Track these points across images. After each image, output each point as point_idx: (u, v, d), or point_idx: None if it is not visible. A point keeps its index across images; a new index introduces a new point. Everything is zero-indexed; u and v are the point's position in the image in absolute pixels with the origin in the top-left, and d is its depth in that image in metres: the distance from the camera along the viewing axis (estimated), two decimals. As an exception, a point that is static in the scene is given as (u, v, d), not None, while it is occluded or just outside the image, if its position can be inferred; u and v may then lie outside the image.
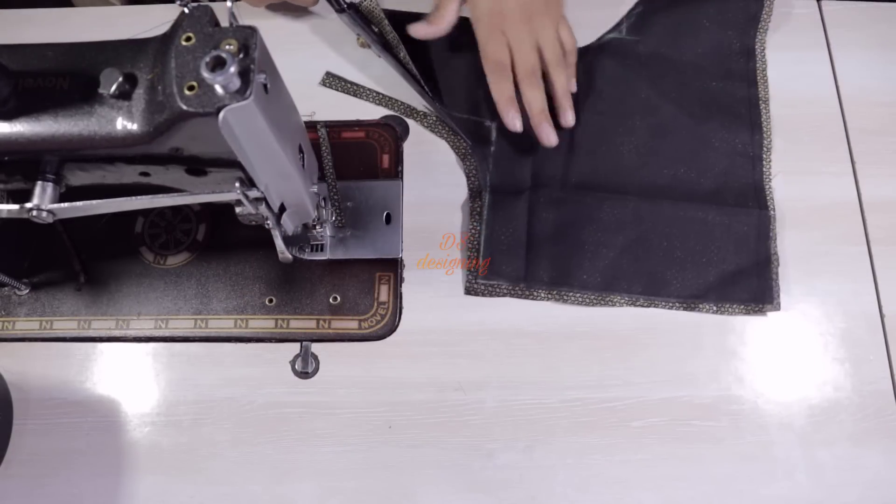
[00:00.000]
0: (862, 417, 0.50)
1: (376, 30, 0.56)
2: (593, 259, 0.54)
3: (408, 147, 0.58)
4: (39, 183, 0.38)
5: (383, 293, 0.53)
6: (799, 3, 0.63)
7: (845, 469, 0.49)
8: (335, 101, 0.60)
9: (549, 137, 0.54)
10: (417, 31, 0.55)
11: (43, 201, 0.38)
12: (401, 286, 0.54)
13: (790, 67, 0.61)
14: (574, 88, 0.57)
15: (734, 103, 0.59)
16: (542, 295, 0.53)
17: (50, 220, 0.38)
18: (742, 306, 0.53)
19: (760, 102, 0.59)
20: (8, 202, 0.39)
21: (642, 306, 0.53)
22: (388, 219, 0.55)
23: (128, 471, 0.50)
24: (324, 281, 0.54)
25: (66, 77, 0.35)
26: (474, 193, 0.56)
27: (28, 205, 0.37)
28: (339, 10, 0.55)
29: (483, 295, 0.53)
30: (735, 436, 0.50)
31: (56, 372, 0.53)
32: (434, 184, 0.57)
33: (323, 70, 0.61)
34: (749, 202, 0.55)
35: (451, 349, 0.52)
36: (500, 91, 0.53)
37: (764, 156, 0.57)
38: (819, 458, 0.49)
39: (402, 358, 0.52)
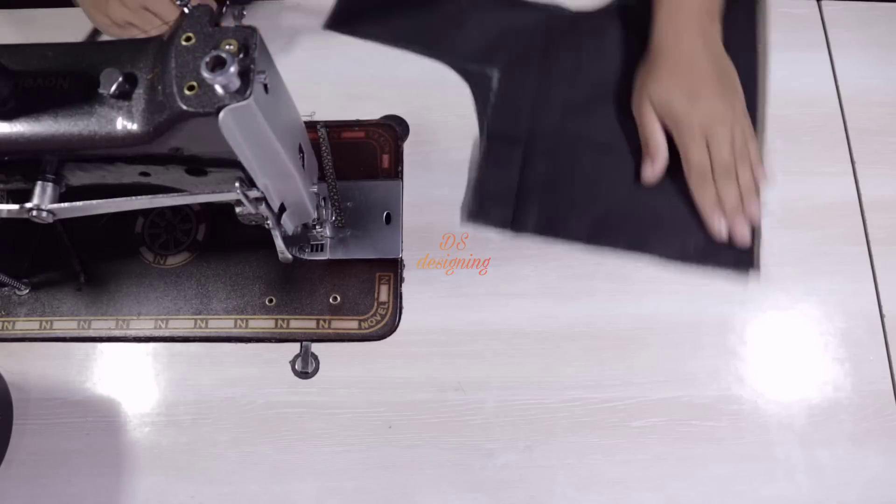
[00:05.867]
0: (862, 417, 0.50)
1: None
2: (581, 213, 0.56)
3: (408, 147, 0.58)
4: (39, 183, 0.38)
5: (383, 293, 0.53)
6: (799, 3, 0.63)
7: (845, 469, 0.49)
8: (335, 101, 0.60)
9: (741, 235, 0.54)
10: (647, 178, 0.55)
11: (43, 201, 0.38)
12: (401, 286, 0.54)
13: (790, 67, 0.61)
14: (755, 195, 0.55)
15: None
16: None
17: (50, 220, 0.38)
18: (723, 269, 0.54)
19: (758, 104, 0.59)
20: (8, 202, 0.39)
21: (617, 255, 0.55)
22: (388, 219, 0.55)
23: (128, 471, 0.50)
24: (324, 281, 0.54)
25: (66, 77, 0.35)
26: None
27: (28, 205, 0.38)
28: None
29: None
30: (735, 436, 0.50)
31: (56, 372, 0.53)
32: (434, 184, 0.57)
33: (323, 70, 0.61)
34: None
35: (451, 349, 0.52)
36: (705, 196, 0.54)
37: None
38: (819, 458, 0.49)
39: (402, 358, 0.52)
